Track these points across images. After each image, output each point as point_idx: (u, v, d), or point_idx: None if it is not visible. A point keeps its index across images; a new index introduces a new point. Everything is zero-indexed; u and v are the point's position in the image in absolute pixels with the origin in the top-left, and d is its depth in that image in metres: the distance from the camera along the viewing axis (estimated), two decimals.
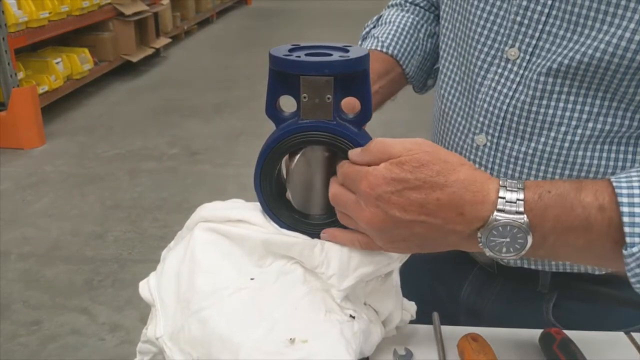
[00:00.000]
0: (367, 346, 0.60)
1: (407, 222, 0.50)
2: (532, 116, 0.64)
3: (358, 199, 0.52)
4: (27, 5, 3.79)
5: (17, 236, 2.71)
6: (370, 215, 0.51)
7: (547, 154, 0.65)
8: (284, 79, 0.56)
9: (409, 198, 0.49)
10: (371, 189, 0.50)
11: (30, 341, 2.06)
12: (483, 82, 0.67)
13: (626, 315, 0.74)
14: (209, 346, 0.53)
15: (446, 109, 0.74)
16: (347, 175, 0.53)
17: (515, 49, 0.64)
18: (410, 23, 0.83)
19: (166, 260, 0.62)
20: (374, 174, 0.50)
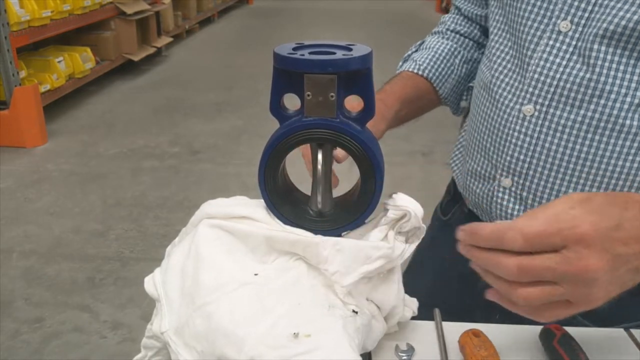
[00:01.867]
0: (370, 341, 0.61)
1: (629, 255, 0.47)
2: (584, 83, 0.67)
3: (570, 252, 0.45)
4: (29, 4, 3.80)
5: (19, 234, 2.72)
6: (598, 260, 0.45)
7: (596, 121, 0.67)
8: (288, 77, 0.57)
9: (626, 229, 0.46)
10: (596, 230, 0.45)
11: (32, 338, 2.07)
12: (533, 55, 0.71)
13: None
14: (213, 340, 0.54)
15: (491, 85, 0.77)
16: (543, 232, 0.45)
17: (567, 21, 0.67)
18: (448, 49, 0.90)
19: (171, 256, 0.63)
20: (587, 215, 0.45)
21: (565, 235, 0.45)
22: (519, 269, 0.45)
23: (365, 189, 0.60)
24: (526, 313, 0.49)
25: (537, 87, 0.70)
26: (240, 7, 9.36)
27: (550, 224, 0.45)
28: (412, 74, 0.88)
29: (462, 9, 0.92)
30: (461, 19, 0.93)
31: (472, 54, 0.93)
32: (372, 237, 0.61)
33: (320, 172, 0.60)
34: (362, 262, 0.58)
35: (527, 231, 0.45)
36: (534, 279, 0.46)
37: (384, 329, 0.63)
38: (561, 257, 0.45)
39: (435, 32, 0.96)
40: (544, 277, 0.46)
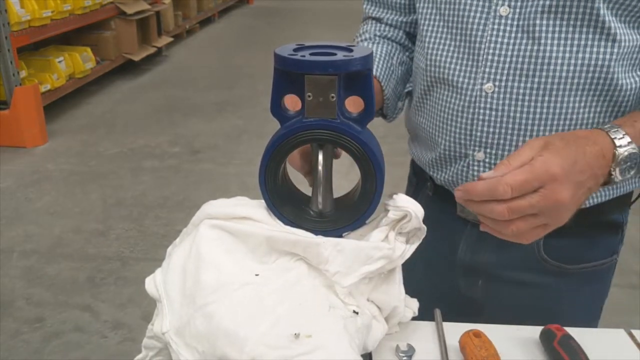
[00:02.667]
0: (370, 341, 0.61)
1: (585, 181, 0.61)
2: (534, 55, 0.74)
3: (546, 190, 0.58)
4: (30, 4, 3.80)
5: (20, 234, 2.72)
6: (568, 192, 0.59)
7: (550, 85, 0.75)
8: (288, 78, 0.57)
9: (581, 162, 0.60)
10: (563, 168, 0.58)
11: (32, 338, 2.07)
12: (482, 40, 0.77)
13: (609, 243, 0.88)
14: (214, 341, 0.54)
15: (446, 76, 0.82)
16: (526, 181, 0.57)
17: (505, 6, 0.75)
18: (385, 51, 0.92)
19: (172, 256, 0.63)
20: (554, 158, 0.58)
21: (542, 179, 0.58)
22: (509, 211, 0.58)
23: (366, 189, 0.60)
24: (512, 239, 0.62)
25: (492, 67, 0.77)
26: (241, 7, 9.36)
27: (530, 172, 0.58)
28: None
29: (384, 19, 0.95)
30: (384, 26, 0.96)
31: (403, 57, 0.96)
32: (373, 237, 0.61)
33: (321, 172, 0.60)
34: (362, 262, 0.58)
35: (514, 183, 0.57)
36: (520, 215, 0.58)
37: (384, 330, 0.63)
38: (540, 195, 0.58)
39: (363, 40, 0.97)
40: (527, 213, 0.59)
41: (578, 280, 0.87)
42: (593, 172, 0.62)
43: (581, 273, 0.87)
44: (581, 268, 0.87)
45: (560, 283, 0.87)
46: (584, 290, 0.89)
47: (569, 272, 0.86)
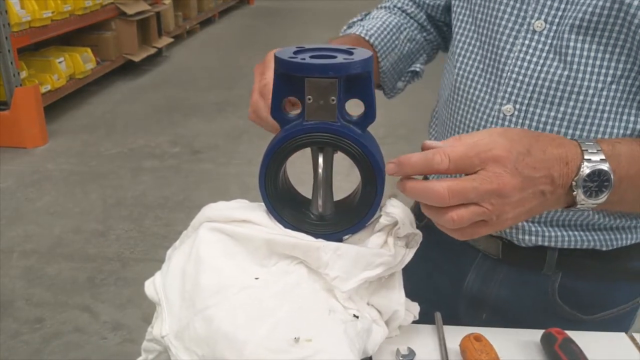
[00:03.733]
0: (370, 345, 0.60)
1: (537, 179, 0.53)
2: (562, 80, 0.68)
3: (488, 172, 0.51)
4: (30, 5, 3.80)
5: (20, 234, 2.72)
6: (511, 178, 0.51)
7: (576, 117, 0.68)
8: (289, 81, 0.57)
9: (536, 156, 0.53)
10: (509, 152, 0.52)
11: (32, 339, 2.07)
12: (509, 55, 0.71)
13: (630, 289, 0.79)
14: (214, 344, 0.54)
15: (464, 87, 0.77)
16: (465, 154, 0.52)
17: (541, 20, 0.68)
18: (395, 23, 0.87)
19: (172, 259, 0.63)
20: (502, 141, 0.52)
21: (483, 157, 0.51)
22: (449, 191, 0.51)
23: (366, 192, 0.60)
24: (452, 233, 0.55)
25: (515, 87, 0.71)
26: (241, 7, 9.35)
27: (471, 147, 0.52)
28: (358, 38, 0.84)
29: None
30: (408, 0, 0.92)
31: (416, 34, 0.90)
32: (372, 242, 0.60)
33: (321, 175, 0.60)
34: (362, 268, 0.58)
35: (452, 154, 0.52)
36: (461, 200, 0.52)
37: (385, 333, 0.63)
38: (482, 177, 0.51)
39: (382, 7, 0.93)
40: (470, 198, 0.52)
41: (593, 327, 0.75)
42: (549, 173, 0.54)
43: (598, 321, 0.79)
44: (598, 317, 0.79)
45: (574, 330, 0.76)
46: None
47: (584, 322, 0.79)
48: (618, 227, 0.74)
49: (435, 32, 0.93)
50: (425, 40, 0.92)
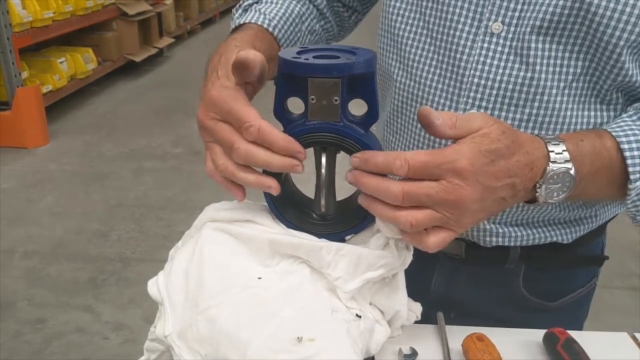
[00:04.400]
0: (373, 345, 0.61)
1: (498, 188, 0.53)
2: (526, 82, 0.67)
3: (448, 183, 0.51)
4: (32, 5, 3.81)
5: (22, 234, 2.72)
6: (471, 191, 0.51)
7: (541, 117, 0.68)
8: (292, 81, 0.57)
9: (500, 166, 0.53)
10: (472, 165, 0.51)
11: (34, 339, 2.07)
12: (469, 59, 0.69)
13: (587, 272, 0.85)
14: (217, 344, 0.54)
15: (425, 94, 0.73)
16: (426, 164, 0.51)
17: (498, 22, 0.67)
18: (297, 11, 0.80)
19: (174, 259, 0.63)
20: (468, 151, 0.51)
21: (443, 168, 0.51)
22: (403, 192, 0.51)
23: None
24: (412, 239, 0.55)
25: (478, 92, 0.69)
26: None
27: (434, 157, 0.51)
28: (260, 28, 0.75)
29: None
30: None
31: (315, 25, 0.84)
32: (373, 244, 0.60)
33: (324, 175, 0.60)
34: (365, 269, 0.58)
35: (412, 161, 0.51)
36: (415, 203, 0.52)
37: (387, 333, 0.63)
38: (441, 186, 0.51)
39: None
40: (423, 202, 0.52)
41: (559, 312, 0.83)
42: (511, 181, 0.54)
43: (562, 305, 0.84)
44: (563, 302, 0.83)
45: (541, 318, 0.82)
46: (564, 319, 0.84)
47: (550, 308, 0.83)
48: (577, 218, 0.77)
49: (333, 20, 0.89)
50: (323, 30, 0.87)
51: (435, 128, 0.52)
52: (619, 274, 2.56)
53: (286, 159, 0.55)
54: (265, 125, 0.54)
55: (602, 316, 2.34)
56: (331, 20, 0.88)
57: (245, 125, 0.54)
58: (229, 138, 0.55)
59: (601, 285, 0.89)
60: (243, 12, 0.79)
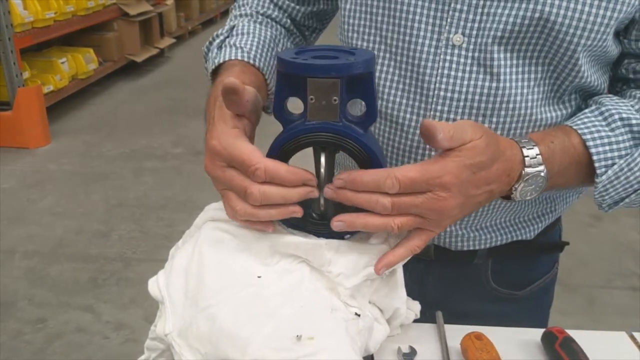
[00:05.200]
0: (372, 343, 0.61)
1: (478, 195, 0.58)
2: (492, 92, 0.68)
3: (434, 194, 0.55)
4: (33, 5, 3.81)
5: (22, 234, 2.73)
6: (454, 201, 0.56)
7: (507, 124, 0.70)
8: (291, 81, 0.57)
9: (481, 175, 0.57)
10: (457, 178, 0.55)
11: (35, 339, 2.07)
12: (432, 72, 0.69)
13: (550, 259, 0.89)
14: (217, 342, 0.54)
15: (390, 111, 0.73)
16: (415, 180, 0.54)
17: (459, 34, 0.67)
18: (269, 36, 0.80)
19: (175, 258, 0.63)
20: (453, 167, 0.55)
21: (431, 183, 0.55)
22: (392, 204, 0.55)
23: None
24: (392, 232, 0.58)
25: (445, 104, 0.69)
26: None
27: (422, 173, 0.55)
28: (242, 62, 0.74)
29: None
30: (268, 2, 0.85)
31: (287, 43, 0.85)
32: (373, 240, 0.61)
33: (323, 175, 0.60)
34: (365, 264, 0.59)
35: (403, 179, 0.54)
36: (402, 212, 0.56)
37: (386, 332, 0.63)
38: (427, 197, 0.55)
39: (243, 15, 0.84)
40: (410, 211, 0.56)
41: (528, 299, 0.87)
42: (489, 188, 0.58)
43: (530, 293, 0.87)
44: (531, 290, 0.87)
45: (512, 307, 0.86)
46: (532, 305, 0.89)
47: (519, 297, 0.86)
48: (538, 215, 0.81)
49: (300, 35, 0.90)
50: (294, 46, 0.88)
51: (437, 142, 0.55)
52: (619, 274, 2.56)
53: (300, 189, 0.57)
54: (270, 165, 0.55)
55: (601, 316, 2.35)
56: (299, 36, 0.89)
57: (252, 169, 0.55)
58: (240, 184, 0.56)
59: (601, 285, 0.90)
60: (218, 50, 0.78)
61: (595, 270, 2.59)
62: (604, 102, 0.68)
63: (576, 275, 2.52)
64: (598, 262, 2.65)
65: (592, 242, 2.78)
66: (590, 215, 2.97)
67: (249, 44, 0.76)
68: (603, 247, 2.75)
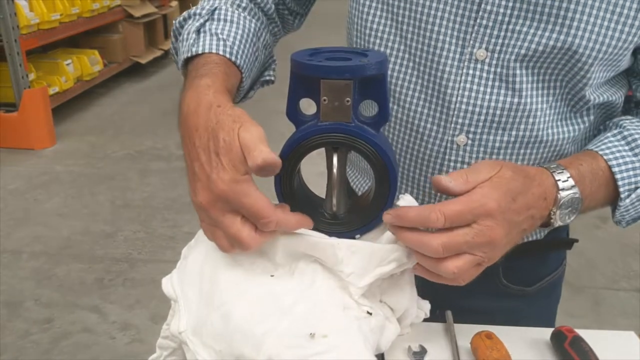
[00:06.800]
0: (383, 342, 0.62)
1: (521, 222, 0.58)
2: (513, 107, 0.69)
3: (480, 226, 0.55)
4: (39, 7, 3.83)
5: (29, 235, 2.74)
6: (501, 229, 0.56)
7: (527, 138, 0.71)
8: (304, 82, 0.58)
9: (520, 201, 0.57)
10: (499, 205, 0.55)
11: (41, 339, 2.08)
12: (455, 86, 0.70)
13: (559, 255, 0.90)
14: (231, 340, 0.55)
15: (411, 119, 0.74)
16: (460, 212, 0.54)
17: (482, 49, 0.68)
18: (253, 29, 0.75)
19: (189, 257, 0.64)
20: (493, 193, 0.55)
21: (476, 213, 0.55)
22: (443, 247, 0.54)
23: (379, 192, 0.61)
24: (449, 282, 0.58)
25: (466, 118, 0.70)
26: None
27: (465, 203, 0.55)
28: (225, 61, 0.68)
29: None
30: None
31: (267, 36, 0.80)
32: (384, 239, 0.61)
33: (335, 175, 0.61)
34: (376, 264, 0.59)
35: (448, 212, 0.54)
36: (454, 252, 0.55)
37: (397, 330, 0.64)
38: (475, 231, 0.55)
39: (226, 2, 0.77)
40: (463, 250, 0.55)
41: (537, 295, 0.88)
42: (530, 214, 0.59)
43: (540, 289, 0.88)
44: (540, 285, 0.88)
45: (521, 303, 0.87)
46: (541, 301, 0.90)
47: (529, 293, 0.87)
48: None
49: (280, 23, 0.86)
50: (272, 37, 0.84)
51: (452, 190, 0.56)
52: (625, 276, 2.56)
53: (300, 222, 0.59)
54: (282, 218, 0.55)
55: (607, 317, 2.35)
56: (279, 24, 0.86)
57: (264, 221, 0.54)
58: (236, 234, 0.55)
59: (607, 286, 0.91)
60: (196, 35, 0.71)
61: (601, 271, 2.59)
62: (626, 125, 0.70)
63: (582, 276, 2.52)
64: (604, 264, 2.65)
65: (599, 244, 2.77)
66: (596, 216, 2.96)
67: (232, 37, 0.71)
68: (609, 248, 2.75)
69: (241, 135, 0.53)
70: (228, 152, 0.53)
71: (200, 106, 0.59)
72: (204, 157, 0.55)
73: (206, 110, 0.58)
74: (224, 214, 0.54)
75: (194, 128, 0.58)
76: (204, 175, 0.55)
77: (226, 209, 0.54)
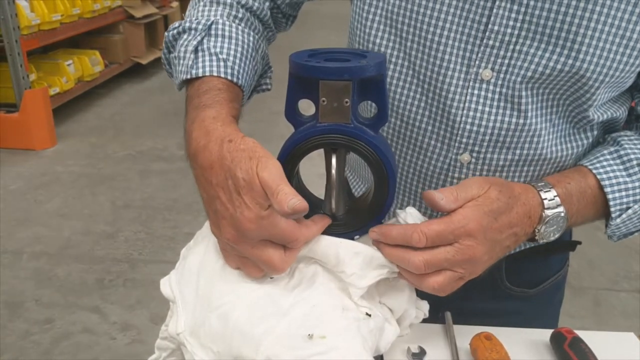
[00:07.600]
0: (382, 343, 0.62)
1: (503, 239, 0.60)
2: (518, 128, 0.69)
3: (461, 245, 0.57)
4: (40, 8, 3.84)
5: (29, 235, 2.74)
6: (482, 248, 0.58)
7: (531, 156, 0.72)
8: (303, 83, 0.58)
9: (502, 221, 0.59)
10: (480, 225, 0.57)
11: (42, 339, 2.09)
12: (460, 105, 0.69)
13: (562, 257, 0.90)
14: (230, 341, 0.55)
15: (415, 135, 0.74)
16: (440, 233, 0.57)
17: (488, 69, 0.67)
18: (252, 43, 0.73)
19: (187, 258, 0.64)
20: (474, 214, 0.57)
21: (457, 233, 0.57)
22: (425, 264, 0.57)
23: (378, 193, 0.61)
24: (432, 292, 0.60)
25: (471, 137, 0.70)
26: None
27: (447, 224, 0.57)
28: (227, 85, 0.67)
29: None
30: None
31: (265, 46, 0.79)
32: None
33: (334, 176, 0.61)
34: (377, 265, 0.59)
35: (429, 232, 0.56)
36: (435, 269, 0.58)
37: (396, 332, 0.64)
38: (455, 249, 0.57)
39: (219, 3, 0.75)
40: (444, 267, 0.58)
41: (540, 297, 0.88)
42: (513, 232, 0.61)
43: (542, 291, 0.88)
44: (543, 287, 0.88)
45: (524, 305, 0.87)
46: (544, 303, 0.90)
47: (532, 295, 0.87)
48: None
49: (274, 27, 0.84)
50: (267, 42, 0.83)
51: (442, 207, 0.58)
52: (626, 277, 2.56)
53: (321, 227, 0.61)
54: (308, 233, 0.58)
55: (608, 318, 2.34)
56: (273, 29, 0.85)
57: (294, 243, 0.56)
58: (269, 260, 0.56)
59: (607, 287, 0.91)
60: (195, 56, 0.68)
61: (602, 272, 2.59)
62: (624, 144, 0.70)
63: (583, 277, 2.52)
64: (605, 265, 2.65)
65: (599, 245, 2.77)
66: None
67: (232, 55, 0.69)
68: (610, 249, 2.74)
69: (260, 175, 0.53)
70: (249, 191, 0.53)
71: (210, 142, 0.57)
72: (225, 196, 0.55)
73: (217, 146, 0.57)
74: (253, 246, 0.56)
75: (208, 166, 0.57)
76: (228, 214, 0.55)
77: (254, 242, 0.55)
